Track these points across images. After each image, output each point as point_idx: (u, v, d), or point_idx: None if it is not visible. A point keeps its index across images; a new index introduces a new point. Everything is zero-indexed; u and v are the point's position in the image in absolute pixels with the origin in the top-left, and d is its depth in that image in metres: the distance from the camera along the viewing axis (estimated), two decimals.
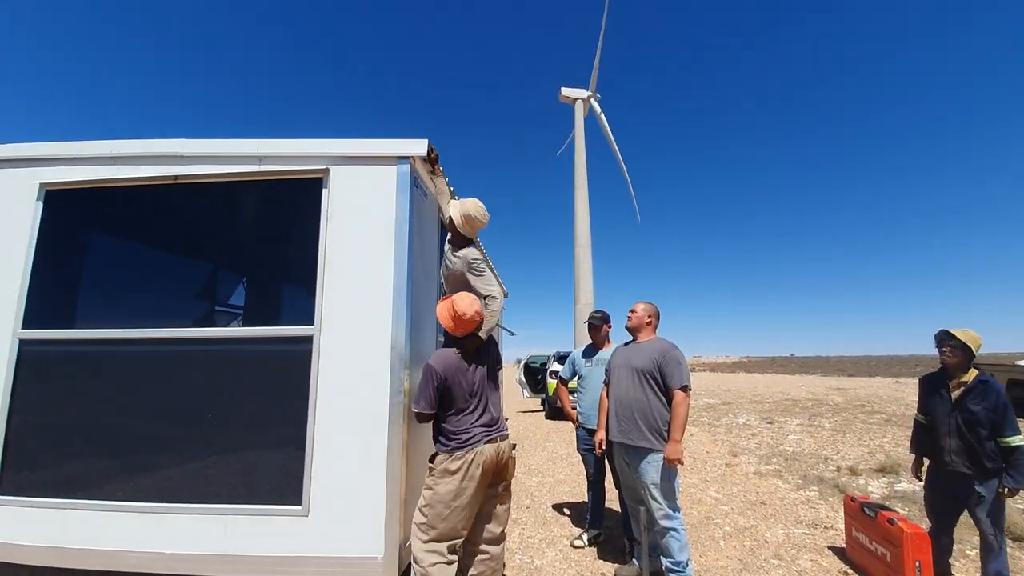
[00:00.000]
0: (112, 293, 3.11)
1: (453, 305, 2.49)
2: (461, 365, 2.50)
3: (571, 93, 33.69)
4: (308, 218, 2.73)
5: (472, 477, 2.36)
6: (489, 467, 2.44)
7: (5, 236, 2.91)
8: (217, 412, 2.69)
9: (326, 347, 2.59)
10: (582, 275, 29.39)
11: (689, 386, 2.84)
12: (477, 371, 2.56)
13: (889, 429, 9.68)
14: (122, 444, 2.72)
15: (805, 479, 5.81)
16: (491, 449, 2.45)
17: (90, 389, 2.83)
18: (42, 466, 2.73)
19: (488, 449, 2.44)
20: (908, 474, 6.00)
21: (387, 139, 2.71)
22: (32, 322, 2.83)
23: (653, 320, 3.16)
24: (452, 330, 2.52)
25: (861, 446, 8.02)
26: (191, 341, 2.81)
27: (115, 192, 2.96)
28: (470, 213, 2.72)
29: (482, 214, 2.76)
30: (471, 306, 2.48)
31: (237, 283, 3.80)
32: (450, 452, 2.39)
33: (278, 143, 2.74)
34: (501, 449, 2.51)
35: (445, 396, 2.45)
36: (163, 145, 2.81)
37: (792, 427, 10.15)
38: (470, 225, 2.76)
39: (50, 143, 2.97)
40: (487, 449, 2.43)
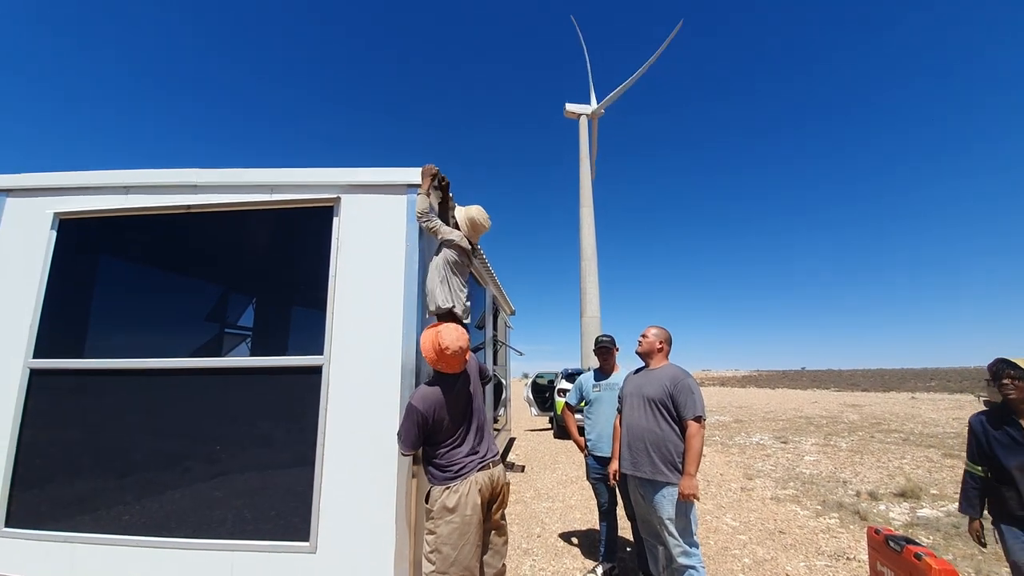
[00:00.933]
0: (122, 322, 3.11)
1: (438, 336, 2.31)
2: (445, 400, 2.34)
3: (576, 109, 34.01)
4: (319, 247, 2.72)
5: (473, 509, 2.25)
6: (485, 496, 2.34)
7: (19, 265, 2.93)
8: (225, 444, 2.66)
9: (336, 378, 2.56)
10: (588, 288, 29.30)
11: (703, 416, 2.75)
12: (462, 401, 2.42)
13: (908, 449, 9.41)
14: (130, 475, 2.69)
15: (824, 505, 5.62)
16: (484, 477, 2.34)
17: (99, 420, 2.81)
18: (51, 498, 2.70)
19: (482, 477, 2.33)
20: (930, 499, 5.85)
21: (397, 168, 2.71)
22: (43, 352, 2.83)
23: (665, 346, 3.08)
24: (433, 363, 2.34)
25: (880, 468, 7.79)
26: (200, 371, 2.78)
27: (127, 221, 2.99)
28: (474, 218, 2.77)
29: (485, 219, 2.82)
30: (457, 341, 2.30)
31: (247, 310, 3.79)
32: (443, 485, 2.28)
33: (290, 172, 2.75)
34: (495, 476, 2.40)
35: (431, 433, 2.32)
36: (176, 175, 2.83)
37: (808, 447, 9.90)
38: (474, 230, 2.79)
39: (65, 173, 3.01)
40: (480, 477, 2.33)
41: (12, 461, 2.70)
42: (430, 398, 2.31)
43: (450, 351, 2.28)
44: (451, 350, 2.28)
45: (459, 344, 2.31)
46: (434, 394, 2.33)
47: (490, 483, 2.36)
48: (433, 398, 2.32)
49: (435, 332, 2.33)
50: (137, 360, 2.75)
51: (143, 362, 2.74)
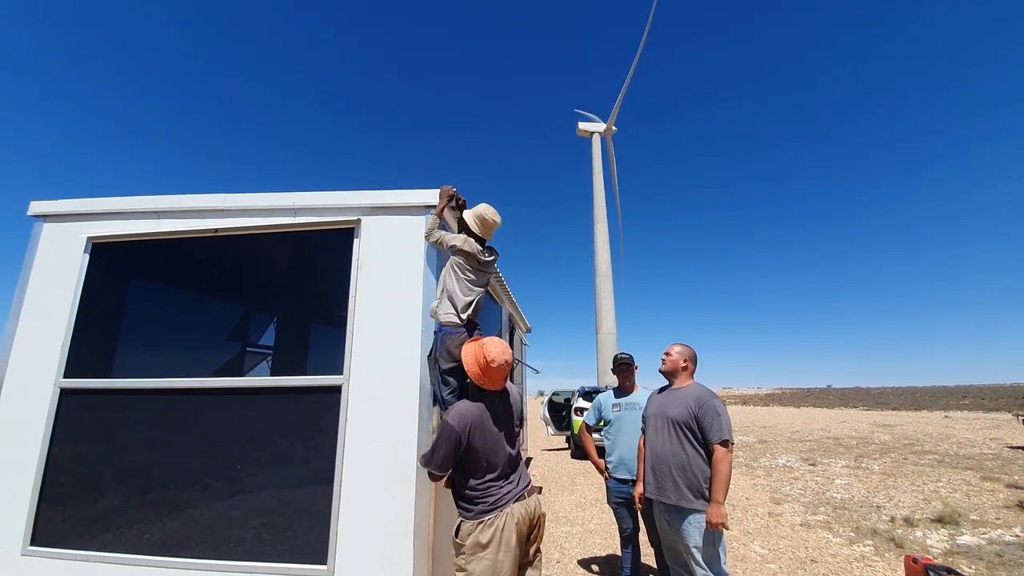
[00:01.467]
0: (149, 342, 3.19)
1: (483, 349, 2.20)
2: (484, 421, 2.17)
3: (588, 127, 34.36)
4: (340, 268, 2.77)
5: (508, 546, 2.06)
6: (523, 530, 2.14)
7: (53, 288, 3.03)
8: (245, 464, 2.68)
9: (355, 398, 2.57)
10: (604, 305, 29.10)
11: (731, 440, 2.64)
12: (500, 423, 2.25)
13: (943, 472, 8.98)
14: (151, 493, 2.72)
15: (858, 531, 5.36)
16: (521, 509, 2.15)
17: (123, 438, 2.86)
18: (75, 516, 2.74)
19: (518, 509, 2.14)
20: (971, 525, 5.53)
21: (415, 190, 2.76)
22: (73, 372, 2.90)
23: (690, 364, 2.99)
24: (478, 377, 2.21)
25: (915, 492, 7.43)
26: (222, 391, 2.82)
27: (156, 244, 3.08)
28: (482, 215, 2.73)
29: (493, 214, 2.78)
30: (502, 354, 2.20)
31: (269, 329, 3.86)
32: (476, 518, 2.09)
33: (312, 196, 2.82)
34: (531, 507, 2.22)
35: (465, 457, 2.14)
36: (205, 200, 2.93)
37: (837, 470, 9.51)
38: (484, 226, 2.76)
39: (98, 199, 3.13)
40: (517, 509, 2.13)
41: (40, 479, 2.76)
42: (468, 416, 2.15)
43: (495, 363, 2.16)
44: (496, 363, 2.16)
45: (504, 357, 2.20)
46: (472, 412, 2.17)
47: (527, 515, 2.17)
48: (471, 416, 2.15)
49: (479, 345, 2.24)
50: (162, 380, 2.81)
51: (167, 382, 2.79)
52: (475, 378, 2.21)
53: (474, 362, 2.20)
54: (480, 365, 2.19)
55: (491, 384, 2.22)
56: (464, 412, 2.16)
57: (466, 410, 2.17)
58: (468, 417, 2.15)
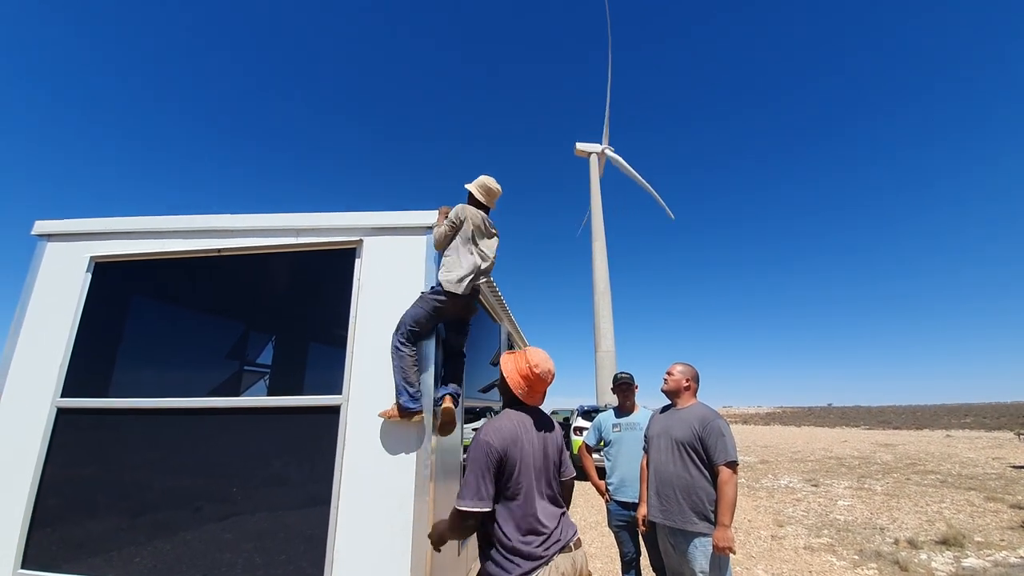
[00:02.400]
0: (148, 362, 3.18)
1: (526, 355, 1.94)
2: (524, 440, 1.79)
3: (586, 147, 34.91)
4: (341, 288, 2.79)
5: None
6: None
7: (54, 307, 3.04)
8: (240, 485, 2.64)
9: (354, 418, 2.56)
10: (602, 323, 29.08)
11: (736, 461, 2.62)
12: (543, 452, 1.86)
13: (947, 492, 8.88)
14: (143, 515, 2.68)
15: (862, 554, 5.29)
16: (567, 563, 1.73)
17: (117, 459, 2.82)
18: (65, 539, 2.69)
19: (563, 564, 1.72)
20: (975, 548, 5.44)
21: (416, 212, 2.81)
22: (70, 391, 2.89)
23: (692, 384, 2.98)
24: (521, 387, 1.91)
25: (918, 513, 7.34)
26: (219, 411, 2.81)
27: (158, 264, 3.11)
28: (486, 184, 2.90)
29: (494, 182, 2.94)
30: (546, 361, 1.94)
31: (267, 349, 3.85)
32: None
33: (315, 217, 2.86)
34: (578, 563, 1.79)
35: (502, 484, 1.75)
36: (209, 220, 2.96)
37: (840, 491, 9.40)
38: (489, 195, 2.92)
39: (103, 219, 3.16)
40: (562, 564, 1.71)
41: (33, 501, 2.72)
42: (506, 430, 1.78)
43: (540, 369, 1.91)
44: (541, 369, 1.91)
45: (548, 365, 1.94)
46: (512, 425, 1.81)
47: (574, 571, 1.76)
48: (510, 430, 1.78)
49: (519, 353, 2.00)
50: (158, 400, 2.79)
51: (163, 401, 2.78)
52: (516, 388, 1.93)
53: (515, 370, 1.95)
54: (522, 373, 1.92)
55: (534, 396, 1.94)
56: (501, 426, 1.79)
57: (503, 423, 1.80)
58: (506, 431, 1.77)
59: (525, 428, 1.84)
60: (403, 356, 2.51)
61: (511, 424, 1.82)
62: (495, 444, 1.73)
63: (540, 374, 1.91)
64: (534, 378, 1.91)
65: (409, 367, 2.50)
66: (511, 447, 1.75)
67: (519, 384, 1.92)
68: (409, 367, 2.50)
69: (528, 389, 1.92)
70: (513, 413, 1.90)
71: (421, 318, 2.54)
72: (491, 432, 1.77)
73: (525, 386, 1.92)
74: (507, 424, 1.81)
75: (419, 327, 2.55)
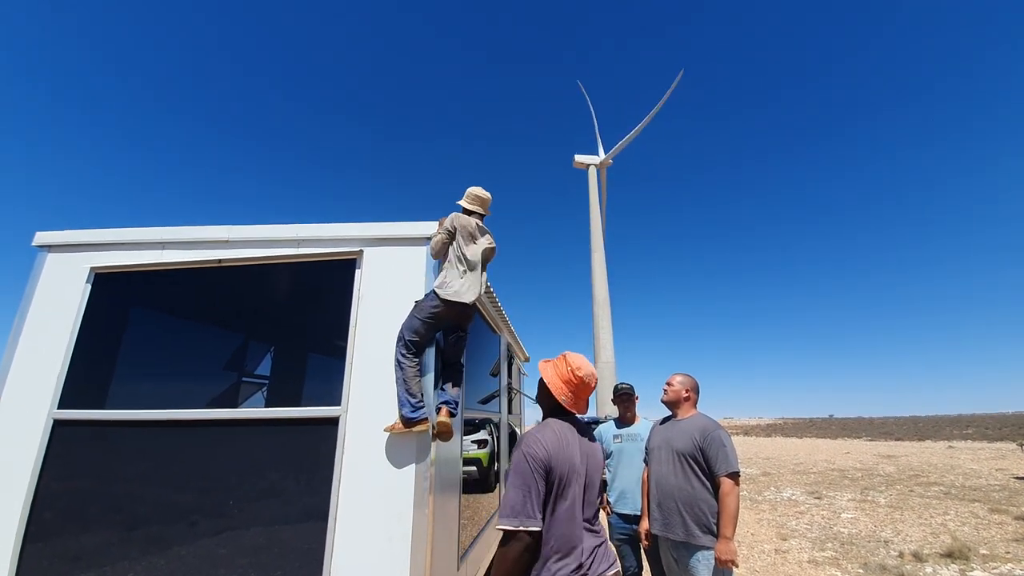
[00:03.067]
0: (146, 373, 3.16)
1: (566, 360, 1.82)
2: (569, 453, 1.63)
3: (585, 159, 35.17)
4: (341, 298, 2.79)
5: None
6: None
7: (53, 318, 3.03)
8: (236, 499, 2.61)
9: (352, 430, 2.54)
10: (602, 333, 29.02)
11: (738, 472, 2.60)
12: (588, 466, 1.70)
13: (951, 504, 8.79)
14: (138, 529, 2.64)
15: (866, 568, 5.22)
16: None
17: (114, 472, 2.79)
18: (59, 554, 2.65)
19: None
20: (981, 560, 5.37)
21: (416, 222, 2.82)
22: (67, 403, 2.87)
23: (692, 394, 2.97)
24: (564, 392, 1.78)
25: (922, 525, 7.26)
26: (217, 423, 2.78)
27: (158, 274, 3.11)
28: (475, 192, 2.97)
29: (482, 190, 3.01)
30: (588, 364, 1.83)
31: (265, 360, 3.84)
32: None
33: (316, 227, 2.87)
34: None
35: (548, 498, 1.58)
36: (210, 231, 2.97)
37: (843, 503, 9.31)
38: (481, 202, 2.99)
39: (103, 230, 3.17)
40: None
41: (27, 514, 2.68)
42: (550, 441, 1.63)
43: (583, 371, 1.79)
44: (585, 371, 1.79)
45: (590, 368, 1.82)
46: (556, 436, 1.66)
47: None
48: (554, 441, 1.63)
49: (559, 358, 1.88)
50: (154, 411, 2.77)
51: (160, 413, 2.75)
52: (560, 395, 1.79)
53: (556, 376, 1.82)
54: (564, 378, 1.80)
55: (579, 402, 1.80)
56: (544, 436, 1.64)
57: (546, 434, 1.66)
58: (550, 442, 1.62)
59: (568, 440, 1.69)
60: (404, 368, 2.51)
61: (554, 435, 1.68)
62: (539, 455, 1.58)
63: (584, 377, 1.78)
64: (577, 382, 1.78)
65: (411, 378, 2.50)
66: (556, 458, 1.60)
67: (562, 391, 1.78)
68: (411, 378, 2.50)
69: (573, 395, 1.79)
70: (555, 423, 1.76)
71: (419, 328, 2.55)
72: (533, 442, 1.62)
73: (569, 392, 1.78)
74: (550, 435, 1.67)
75: (418, 336, 2.55)
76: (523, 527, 1.46)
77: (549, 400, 1.83)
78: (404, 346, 2.54)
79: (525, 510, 1.48)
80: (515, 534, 1.46)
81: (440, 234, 2.73)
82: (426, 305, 2.59)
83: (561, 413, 1.82)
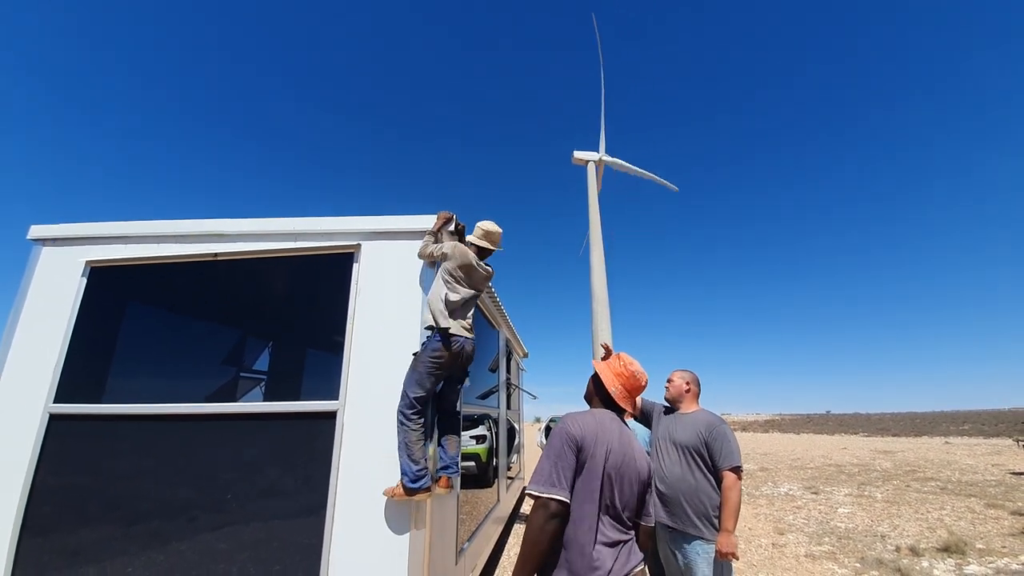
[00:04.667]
0: (143, 367, 3.15)
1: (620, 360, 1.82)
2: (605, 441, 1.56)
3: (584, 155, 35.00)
4: (339, 292, 2.77)
5: None
6: None
7: (48, 312, 3.01)
8: (235, 493, 2.60)
9: (350, 424, 2.53)
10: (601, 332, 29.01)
11: (741, 466, 2.60)
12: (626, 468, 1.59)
13: (947, 499, 8.83)
14: (136, 523, 2.64)
15: (863, 562, 5.24)
16: None
17: (111, 466, 2.79)
18: (58, 548, 2.64)
19: None
20: (977, 555, 5.40)
21: (414, 216, 2.80)
22: (64, 396, 2.85)
23: (693, 387, 2.95)
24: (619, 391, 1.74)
25: (919, 520, 7.29)
26: (214, 417, 2.77)
27: (154, 268, 3.09)
28: (486, 228, 2.81)
29: (493, 225, 2.84)
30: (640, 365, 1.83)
31: (263, 354, 3.83)
32: None
33: (313, 221, 2.85)
34: None
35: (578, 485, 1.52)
36: (205, 225, 2.95)
37: (840, 498, 9.34)
38: (491, 237, 2.82)
39: (99, 223, 3.15)
40: None
41: (24, 508, 2.67)
42: (587, 423, 1.59)
43: (635, 367, 1.79)
44: (636, 367, 1.79)
45: (642, 369, 1.82)
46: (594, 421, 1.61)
47: None
48: (591, 424, 1.59)
49: (614, 359, 1.86)
50: (152, 406, 2.76)
51: (157, 407, 2.74)
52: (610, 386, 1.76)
53: (608, 370, 1.80)
54: (616, 371, 1.79)
55: (628, 397, 1.78)
56: (582, 418, 1.61)
57: (584, 416, 1.63)
58: (590, 423, 1.58)
59: (608, 427, 1.61)
60: (408, 431, 2.38)
61: (593, 418, 1.63)
62: (573, 431, 1.55)
63: (635, 372, 1.78)
64: (628, 375, 1.77)
65: (414, 442, 2.37)
66: (588, 440, 1.54)
67: (613, 382, 1.76)
68: (414, 442, 2.37)
69: (622, 388, 1.76)
70: (598, 410, 1.71)
71: (424, 380, 2.43)
72: (569, 420, 1.60)
73: (619, 384, 1.76)
74: (589, 417, 1.62)
75: (424, 391, 2.43)
76: (548, 495, 1.44)
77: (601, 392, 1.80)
78: (409, 406, 2.40)
79: (551, 479, 1.47)
80: (542, 501, 1.45)
81: (430, 247, 2.63)
82: (427, 356, 2.46)
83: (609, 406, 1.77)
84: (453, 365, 2.57)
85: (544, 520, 1.43)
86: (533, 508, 1.47)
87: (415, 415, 2.41)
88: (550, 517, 1.43)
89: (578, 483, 1.51)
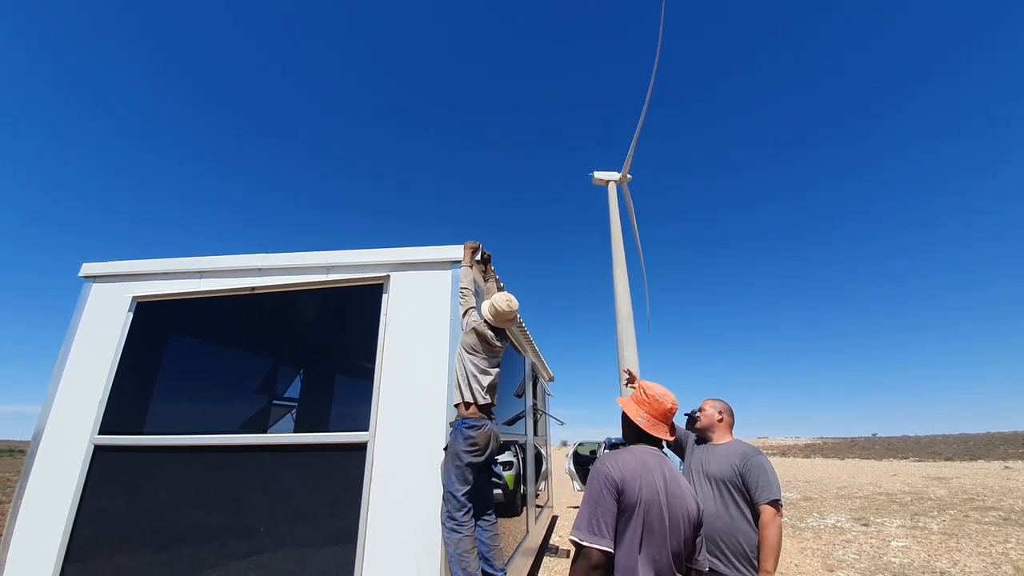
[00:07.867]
0: (182, 398, 3.26)
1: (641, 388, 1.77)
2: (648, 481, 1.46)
3: (604, 176, 35.17)
4: (369, 323, 2.83)
5: None
6: None
7: (97, 346, 3.16)
8: (266, 523, 2.63)
9: (380, 456, 2.54)
10: (626, 351, 28.50)
11: (780, 501, 2.45)
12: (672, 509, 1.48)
13: (1011, 531, 8.14)
14: (168, 551, 2.68)
15: None
16: None
17: (151, 493, 2.86)
18: (98, 571, 2.70)
19: None
20: None
21: (441, 246, 2.86)
22: (108, 428, 2.97)
23: (725, 417, 2.83)
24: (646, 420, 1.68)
25: (981, 554, 6.73)
26: (247, 448, 2.82)
27: (195, 302, 3.22)
28: (493, 305, 2.69)
29: (504, 302, 2.69)
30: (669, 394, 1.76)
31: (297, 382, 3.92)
32: None
33: (344, 254, 2.95)
34: None
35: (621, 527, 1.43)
36: (245, 260, 3.08)
37: (893, 530, 8.74)
38: (497, 317, 2.69)
39: (145, 260, 3.32)
40: None
41: (69, 534, 2.75)
42: (627, 463, 1.49)
43: (653, 390, 1.73)
44: (657, 390, 1.73)
45: (664, 391, 1.75)
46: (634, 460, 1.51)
47: None
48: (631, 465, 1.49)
49: (639, 390, 1.80)
50: (189, 437, 2.84)
51: (195, 439, 2.82)
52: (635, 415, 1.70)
53: (633, 403, 1.74)
54: (642, 402, 1.71)
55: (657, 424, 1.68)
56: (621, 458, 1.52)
57: (624, 456, 1.53)
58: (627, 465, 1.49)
59: (648, 468, 1.51)
60: (461, 538, 2.20)
61: (633, 457, 1.54)
62: (611, 473, 1.46)
63: (656, 395, 1.70)
64: (650, 400, 1.70)
65: (467, 550, 2.18)
66: (630, 481, 1.45)
67: (636, 412, 1.70)
68: (467, 550, 2.18)
69: (647, 416, 1.68)
70: (637, 448, 1.63)
71: (464, 472, 2.30)
72: (607, 461, 1.52)
73: (644, 412, 1.69)
74: (628, 456, 1.53)
75: (466, 483, 2.29)
76: (589, 543, 1.37)
77: (631, 428, 1.74)
78: (458, 507, 2.22)
79: (590, 526, 1.39)
80: (584, 551, 1.38)
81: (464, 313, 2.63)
82: (461, 446, 2.32)
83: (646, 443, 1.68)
84: (490, 448, 2.46)
85: (586, 571, 1.36)
86: (574, 557, 1.42)
87: (465, 516, 2.25)
88: (591, 568, 1.36)
89: (621, 528, 1.42)
